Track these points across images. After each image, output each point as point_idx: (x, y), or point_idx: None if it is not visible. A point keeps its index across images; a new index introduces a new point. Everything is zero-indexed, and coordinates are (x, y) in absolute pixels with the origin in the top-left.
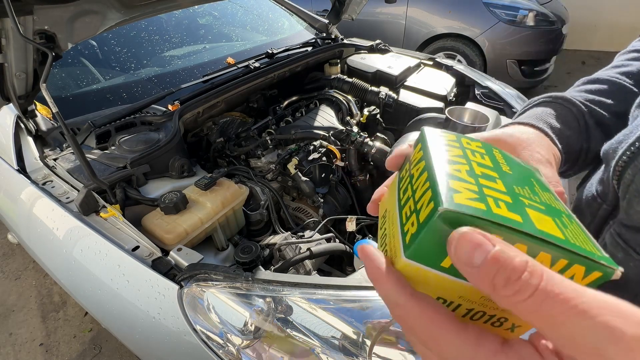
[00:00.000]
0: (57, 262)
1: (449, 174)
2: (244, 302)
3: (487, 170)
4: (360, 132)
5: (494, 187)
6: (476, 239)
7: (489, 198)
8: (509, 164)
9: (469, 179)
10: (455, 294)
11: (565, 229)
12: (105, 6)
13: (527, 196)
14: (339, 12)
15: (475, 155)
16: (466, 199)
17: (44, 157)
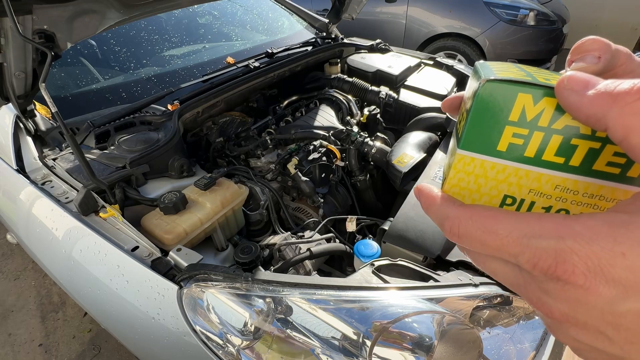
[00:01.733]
0: (57, 263)
1: (494, 69)
2: (243, 303)
3: (534, 72)
4: (360, 132)
5: (542, 74)
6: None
7: (535, 75)
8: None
9: (516, 70)
10: (524, 188)
11: None
12: (104, 5)
13: None
14: (339, 11)
15: (524, 68)
16: (509, 75)
17: (43, 157)
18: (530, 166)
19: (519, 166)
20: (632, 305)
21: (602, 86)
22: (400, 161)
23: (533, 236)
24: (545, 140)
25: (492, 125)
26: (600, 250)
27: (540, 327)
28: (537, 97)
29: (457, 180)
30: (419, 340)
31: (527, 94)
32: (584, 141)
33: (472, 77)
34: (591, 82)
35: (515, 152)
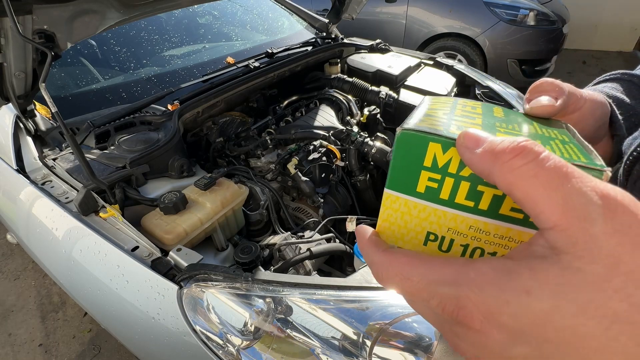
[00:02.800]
0: (57, 263)
1: (423, 113)
2: (243, 303)
3: (469, 113)
4: (360, 132)
5: (466, 120)
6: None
7: (453, 125)
8: (506, 114)
9: (441, 116)
10: (443, 226)
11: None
12: (104, 5)
13: (509, 128)
14: (339, 11)
15: (465, 107)
16: (429, 124)
17: (43, 157)
18: (446, 207)
19: (436, 207)
20: (519, 350)
21: (487, 145)
22: None
23: (438, 283)
24: (456, 185)
25: (411, 169)
26: (488, 297)
27: None
28: (445, 146)
29: (387, 216)
30: (419, 340)
31: (437, 143)
32: (488, 188)
33: None
34: (480, 140)
35: (431, 194)
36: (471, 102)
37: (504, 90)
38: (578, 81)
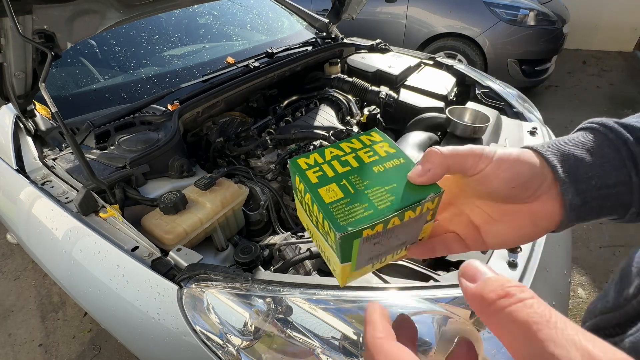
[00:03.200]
0: (56, 263)
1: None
2: (243, 303)
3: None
4: (360, 132)
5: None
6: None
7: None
8: (358, 162)
9: (340, 201)
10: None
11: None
12: (104, 5)
13: (364, 186)
14: (339, 11)
15: (336, 165)
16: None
17: (43, 157)
18: None
19: None
20: None
21: (479, 285)
22: None
23: None
24: None
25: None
26: None
27: None
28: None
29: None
30: (419, 340)
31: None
32: None
33: (294, 176)
34: (477, 275)
35: None
36: (330, 150)
37: (504, 90)
38: (577, 81)
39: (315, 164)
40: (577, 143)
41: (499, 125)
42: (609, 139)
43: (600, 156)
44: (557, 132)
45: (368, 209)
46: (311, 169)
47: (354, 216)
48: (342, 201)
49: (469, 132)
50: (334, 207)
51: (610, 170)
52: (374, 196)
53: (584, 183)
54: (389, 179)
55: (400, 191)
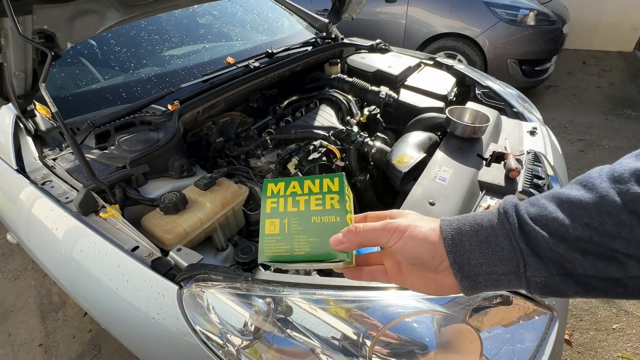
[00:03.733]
0: (57, 262)
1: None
2: (243, 303)
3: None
4: (360, 132)
5: (283, 239)
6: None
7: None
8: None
9: (274, 236)
10: None
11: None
12: (104, 5)
13: (297, 231)
14: (339, 11)
15: (289, 203)
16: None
17: (43, 157)
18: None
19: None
20: None
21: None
22: (400, 161)
23: None
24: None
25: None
26: None
27: (540, 326)
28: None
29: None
30: (419, 340)
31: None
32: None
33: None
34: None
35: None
36: (291, 186)
37: (503, 90)
38: (577, 81)
39: (277, 194)
40: (478, 229)
41: (498, 125)
42: (505, 229)
43: (495, 245)
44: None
45: (288, 251)
46: (271, 199)
47: (276, 252)
48: (275, 237)
49: (469, 132)
50: (268, 239)
51: (500, 260)
52: (298, 242)
53: (475, 267)
54: (318, 232)
55: (317, 246)
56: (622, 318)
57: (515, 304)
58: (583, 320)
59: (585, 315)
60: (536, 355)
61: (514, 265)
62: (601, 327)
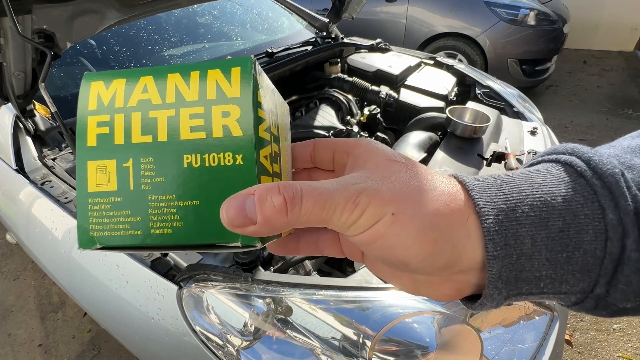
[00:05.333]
0: (56, 263)
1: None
2: (243, 303)
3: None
4: (360, 132)
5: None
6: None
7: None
8: None
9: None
10: None
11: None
12: (104, 5)
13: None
14: (339, 11)
15: (134, 125)
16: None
17: (42, 156)
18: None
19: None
20: None
21: None
22: None
23: None
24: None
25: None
26: None
27: (541, 327)
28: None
29: None
30: (419, 340)
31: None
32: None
33: None
34: None
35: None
36: None
37: (504, 90)
38: (578, 81)
39: (109, 106)
40: (548, 214)
41: (499, 125)
42: (598, 219)
43: (575, 246)
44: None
45: (136, 227)
46: (98, 116)
47: (112, 229)
48: (109, 198)
49: (469, 132)
50: (94, 203)
51: (574, 272)
52: (155, 210)
53: (527, 284)
54: (196, 187)
55: (199, 217)
56: (622, 318)
57: (515, 304)
58: (583, 320)
59: (585, 315)
60: (536, 356)
61: (590, 282)
62: (602, 327)
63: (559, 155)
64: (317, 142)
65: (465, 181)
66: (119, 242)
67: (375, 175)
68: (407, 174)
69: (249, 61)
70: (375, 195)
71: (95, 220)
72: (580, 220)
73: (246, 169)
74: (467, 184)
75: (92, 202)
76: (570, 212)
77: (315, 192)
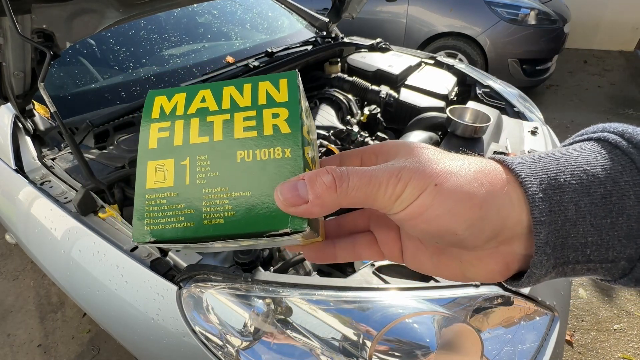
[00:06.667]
0: (55, 263)
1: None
2: (243, 303)
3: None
4: (360, 132)
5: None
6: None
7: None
8: None
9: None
10: None
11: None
12: (103, 5)
13: (206, 180)
14: (339, 10)
15: (193, 128)
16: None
17: (42, 156)
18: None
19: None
20: None
21: None
22: None
23: None
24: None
25: None
26: None
27: (541, 327)
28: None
29: None
30: (419, 340)
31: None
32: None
33: None
34: None
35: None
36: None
37: (504, 90)
38: (579, 80)
39: (170, 115)
40: (589, 182)
41: (499, 125)
42: (611, 144)
43: (618, 212)
44: (557, 132)
45: (189, 219)
46: (159, 123)
47: (167, 222)
48: (165, 193)
49: (470, 131)
50: (150, 199)
51: (620, 238)
52: (209, 202)
53: (574, 251)
54: (248, 179)
55: (251, 207)
56: (623, 319)
57: (516, 304)
58: (584, 320)
59: (586, 315)
60: (537, 356)
61: (637, 248)
62: (602, 327)
63: (590, 134)
64: (342, 155)
65: (503, 158)
66: (171, 235)
67: (410, 158)
68: (440, 155)
69: (295, 74)
70: (415, 170)
71: (150, 215)
72: (621, 187)
73: (294, 160)
74: (504, 160)
75: (149, 198)
76: (611, 179)
77: (359, 171)
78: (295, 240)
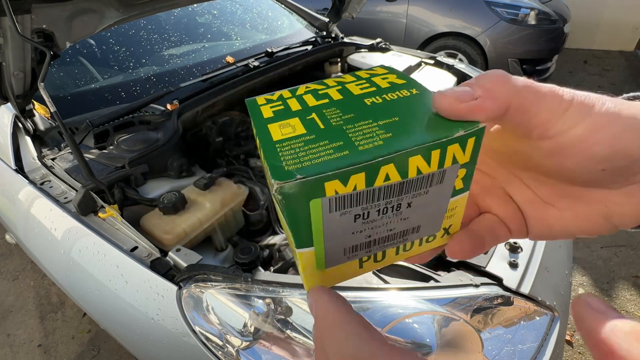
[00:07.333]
0: (55, 263)
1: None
2: (243, 303)
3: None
4: None
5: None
6: None
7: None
8: (343, 94)
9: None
10: None
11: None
12: (103, 5)
13: (343, 120)
14: (339, 10)
15: (308, 99)
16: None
17: (42, 156)
18: None
19: None
20: None
21: None
22: None
23: None
24: None
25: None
26: None
27: (541, 327)
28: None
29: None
30: (419, 341)
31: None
32: None
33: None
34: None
35: None
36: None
37: None
38: (579, 80)
39: (278, 99)
40: None
41: None
42: None
43: None
44: None
45: (340, 149)
46: (269, 104)
47: (312, 158)
48: (299, 138)
49: None
50: (282, 146)
51: None
52: (356, 133)
53: None
54: (388, 111)
55: (405, 126)
56: None
57: (516, 304)
58: None
59: None
60: (537, 356)
61: None
62: None
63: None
64: None
65: None
66: (325, 168)
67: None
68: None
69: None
70: (575, 93)
71: (288, 157)
72: None
73: (426, 95)
74: None
75: (280, 146)
76: None
77: (529, 82)
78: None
